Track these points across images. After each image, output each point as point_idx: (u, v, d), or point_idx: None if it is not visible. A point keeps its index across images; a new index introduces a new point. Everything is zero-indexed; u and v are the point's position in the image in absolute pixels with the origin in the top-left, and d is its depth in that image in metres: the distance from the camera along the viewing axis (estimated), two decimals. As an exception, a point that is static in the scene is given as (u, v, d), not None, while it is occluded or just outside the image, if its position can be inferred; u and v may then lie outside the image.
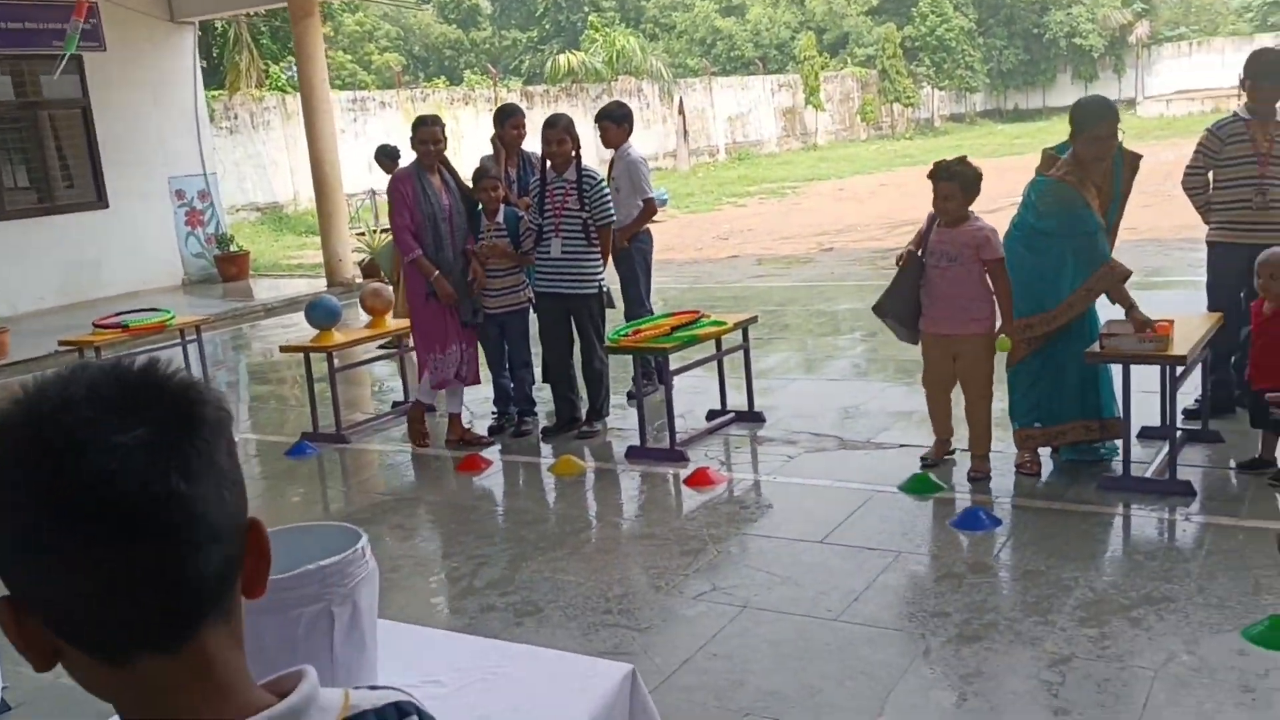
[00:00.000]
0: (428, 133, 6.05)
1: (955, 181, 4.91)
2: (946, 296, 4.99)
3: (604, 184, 6.27)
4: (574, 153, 6.15)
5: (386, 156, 9.31)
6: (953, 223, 4.96)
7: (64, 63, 11.65)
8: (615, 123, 6.82)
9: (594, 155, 8.92)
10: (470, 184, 6.34)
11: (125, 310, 8.37)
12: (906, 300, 5.11)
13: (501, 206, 6.31)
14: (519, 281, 6.35)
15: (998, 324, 4.94)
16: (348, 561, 2.29)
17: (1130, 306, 4.78)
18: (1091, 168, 4.84)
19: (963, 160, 5.00)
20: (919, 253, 5.06)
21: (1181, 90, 41.76)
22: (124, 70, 13.77)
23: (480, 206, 6.28)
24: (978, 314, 4.96)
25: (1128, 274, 4.79)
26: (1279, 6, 44.62)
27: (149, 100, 14.18)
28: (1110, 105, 4.98)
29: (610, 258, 6.47)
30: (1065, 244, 4.82)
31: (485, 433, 6.48)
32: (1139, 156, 5.07)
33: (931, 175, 5.01)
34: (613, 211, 6.30)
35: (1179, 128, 32.98)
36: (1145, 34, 43.92)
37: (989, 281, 4.91)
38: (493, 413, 6.65)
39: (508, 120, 6.91)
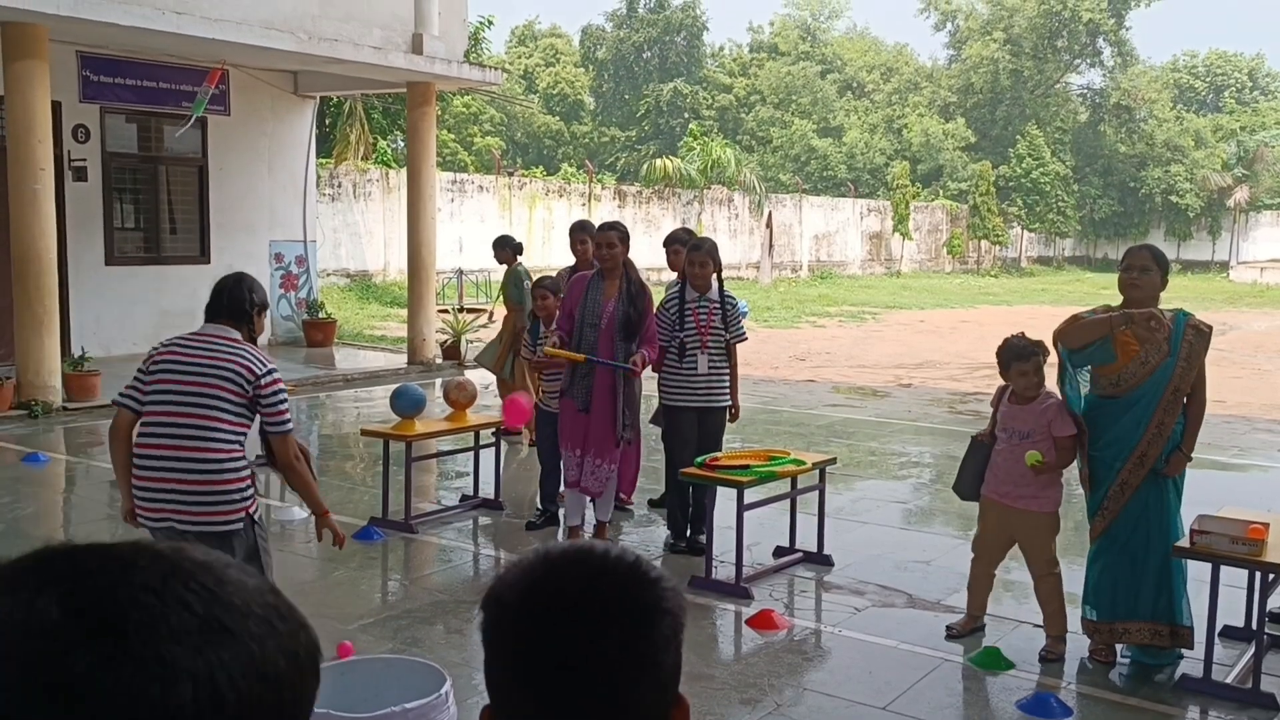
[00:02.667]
0: (602, 237, 6.20)
1: (1037, 358, 4.92)
2: (1014, 471, 4.94)
3: (740, 306, 6.57)
4: (715, 274, 6.40)
5: (506, 248, 9.34)
6: (1025, 399, 4.94)
7: (191, 123, 12.21)
8: (685, 246, 7.00)
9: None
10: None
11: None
12: (975, 480, 5.14)
13: (557, 314, 6.73)
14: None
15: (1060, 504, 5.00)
16: (431, 707, 2.31)
17: None
18: (1133, 308, 4.72)
19: (1036, 341, 5.00)
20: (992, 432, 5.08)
21: (1277, 259, 41.24)
22: (244, 135, 14.36)
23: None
24: (1043, 492, 4.93)
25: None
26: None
27: (263, 166, 14.74)
28: (1147, 247, 4.94)
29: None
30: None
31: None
32: (1209, 327, 4.86)
33: (1017, 355, 4.94)
34: (745, 332, 6.62)
35: (1272, 296, 32.50)
36: (1244, 199, 43.57)
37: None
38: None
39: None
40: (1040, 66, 46.01)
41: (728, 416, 6.52)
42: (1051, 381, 4.99)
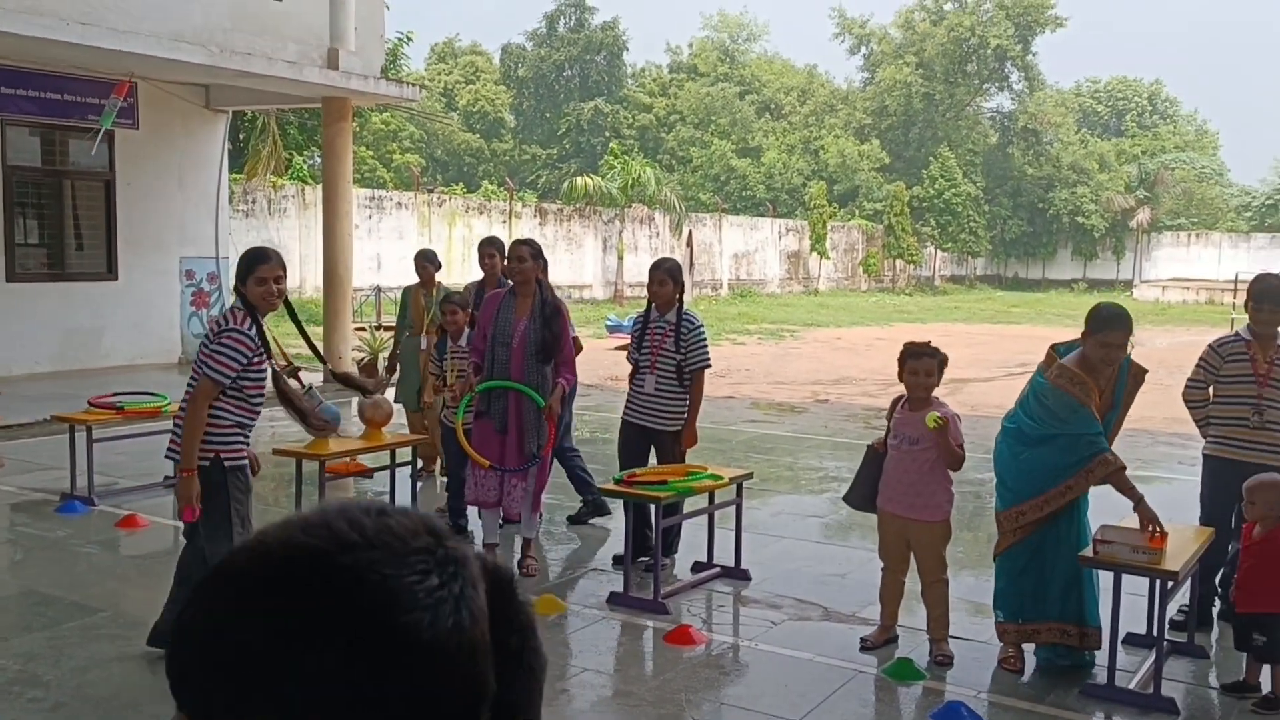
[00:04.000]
0: (513, 251, 6.16)
1: (935, 359, 5.10)
2: (905, 479, 5.11)
3: (702, 329, 6.43)
4: (677, 295, 6.36)
5: (432, 263, 8.75)
6: (918, 405, 5.08)
7: (100, 136, 11.90)
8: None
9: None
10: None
11: (121, 391, 8.35)
12: (868, 489, 5.26)
13: (465, 330, 6.79)
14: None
15: (952, 512, 5.17)
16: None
17: (1137, 500, 4.80)
18: (1097, 370, 4.92)
19: (934, 346, 5.21)
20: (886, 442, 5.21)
21: (1177, 278, 42.76)
22: (153, 149, 14.03)
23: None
24: (933, 500, 5.10)
25: (1123, 466, 4.82)
26: (1275, 209, 45.98)
27: (173, 181, 14.42)
28: (1128, 317, 4.96)
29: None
30: (1062, 444, 4.87)
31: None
32: (1145, 371, 5.12)
33: (910, 353, 5.15)
34: (708, 358, 6.46)
35: (1173, 315, 33.66)
36: (1146, 220, 45.14)
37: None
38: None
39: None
40: (951, 90, 47.16)
41: (681, 441, 6.36)
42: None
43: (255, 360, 4.62)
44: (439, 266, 8.80)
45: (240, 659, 0.72)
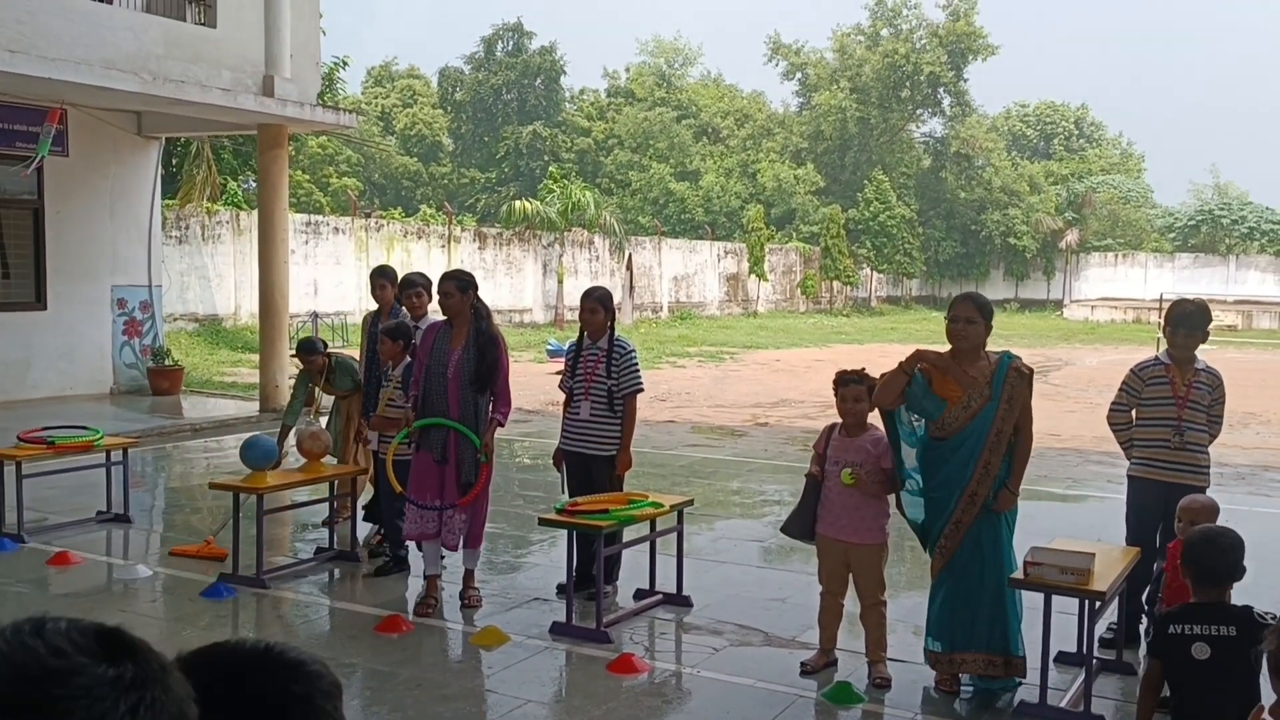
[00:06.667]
0: (441, 288, 6.12)
1: (864, 385, 5.23)
2: (847, 504, 5.21)
3: (633, 354, 6.49)
4: (608, 322, 6.41)
5: (317, 353, 8.29)
6: (854, 430, 5.19)
7: (34, 164, 11.71)
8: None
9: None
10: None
11: (52, 425, 8.20)
12: (808, 519, 5.34)
13: (406, 359, 6.64)
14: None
15: (888, 537, 5.30)
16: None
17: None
18: (961, 355, 5.01)
19: (863, 370, 5.37)
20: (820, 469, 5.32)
21: (1105, 298, 43.83)
22: (84, 177, 13.82)
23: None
24: (874, 522, 5.22)
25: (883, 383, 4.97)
26: (1197, 230, 47.34)
27: (104, 208, 14.20)
28: (970, 296, 5.17)
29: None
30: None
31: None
32: (1031, 371, 5.12)
33: (840, 380, 5.30)
34: (640, 382, 6.50)
35: (1102, 333, 34.46)
36: (1075, 241, 46.22)
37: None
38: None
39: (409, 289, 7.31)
40: (885, 115, 47.92)
41: (616, 466, 6.38)
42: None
43: None
44: (324, 349, 8.45)
45: None
